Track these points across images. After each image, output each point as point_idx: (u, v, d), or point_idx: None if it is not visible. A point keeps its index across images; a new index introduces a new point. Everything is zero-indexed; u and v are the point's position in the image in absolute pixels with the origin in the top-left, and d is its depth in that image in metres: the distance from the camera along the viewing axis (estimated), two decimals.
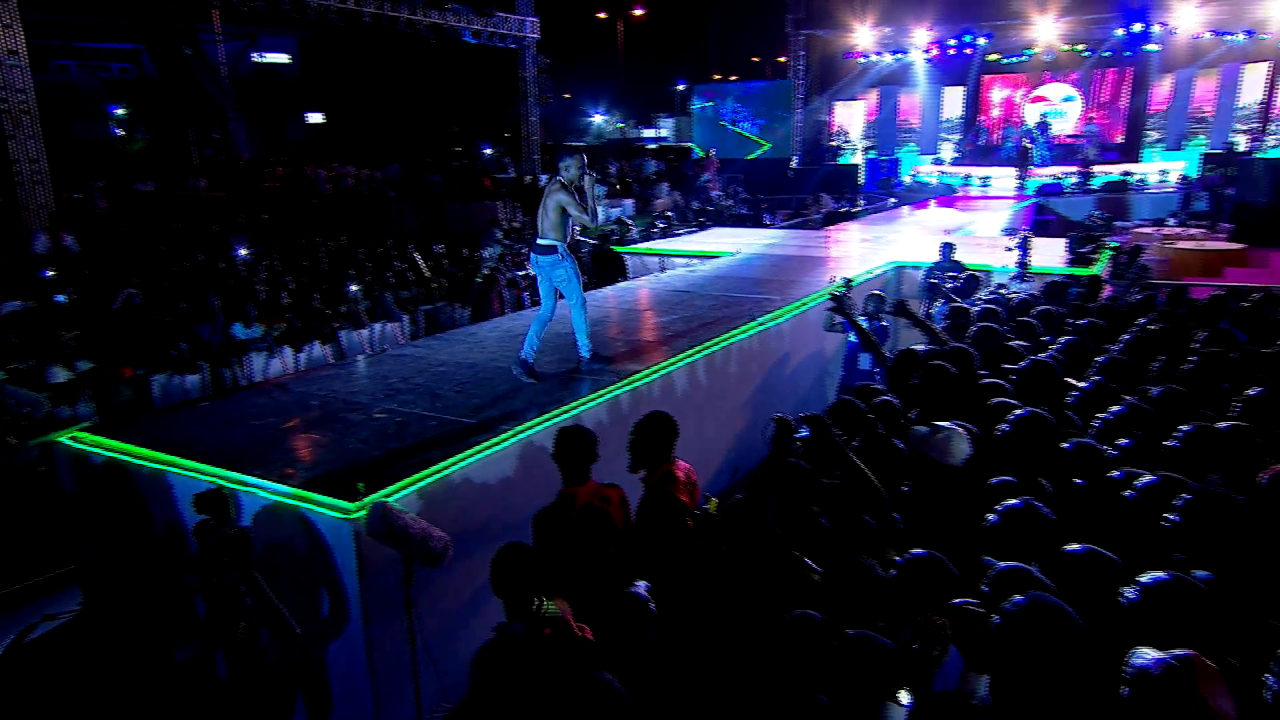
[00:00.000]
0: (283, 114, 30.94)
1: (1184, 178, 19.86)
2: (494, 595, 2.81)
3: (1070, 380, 4.44)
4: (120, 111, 25.77)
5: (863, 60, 25.02)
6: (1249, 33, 19.54)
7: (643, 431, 3.81)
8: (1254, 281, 10.27)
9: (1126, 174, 20.50)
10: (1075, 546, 2.65)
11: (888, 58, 24.70)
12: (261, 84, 29.41)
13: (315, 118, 32.81)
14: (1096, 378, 4.35)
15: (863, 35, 24.13)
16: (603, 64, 42.93)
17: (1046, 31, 21.55)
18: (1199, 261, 13.49)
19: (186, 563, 4.19)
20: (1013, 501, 2.88)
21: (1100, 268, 9.75)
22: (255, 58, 30.24)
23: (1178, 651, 1.98)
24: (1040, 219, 18.44)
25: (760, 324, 7.15)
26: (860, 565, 2.63)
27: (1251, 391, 3.64)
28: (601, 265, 12.04)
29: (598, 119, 47.03)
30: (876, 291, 7.23)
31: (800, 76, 25.94)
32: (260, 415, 5.08)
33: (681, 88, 41.29)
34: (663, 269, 11.60)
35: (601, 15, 37.66)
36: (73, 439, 4.69)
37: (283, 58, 32.38)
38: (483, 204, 17.29)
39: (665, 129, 44.52)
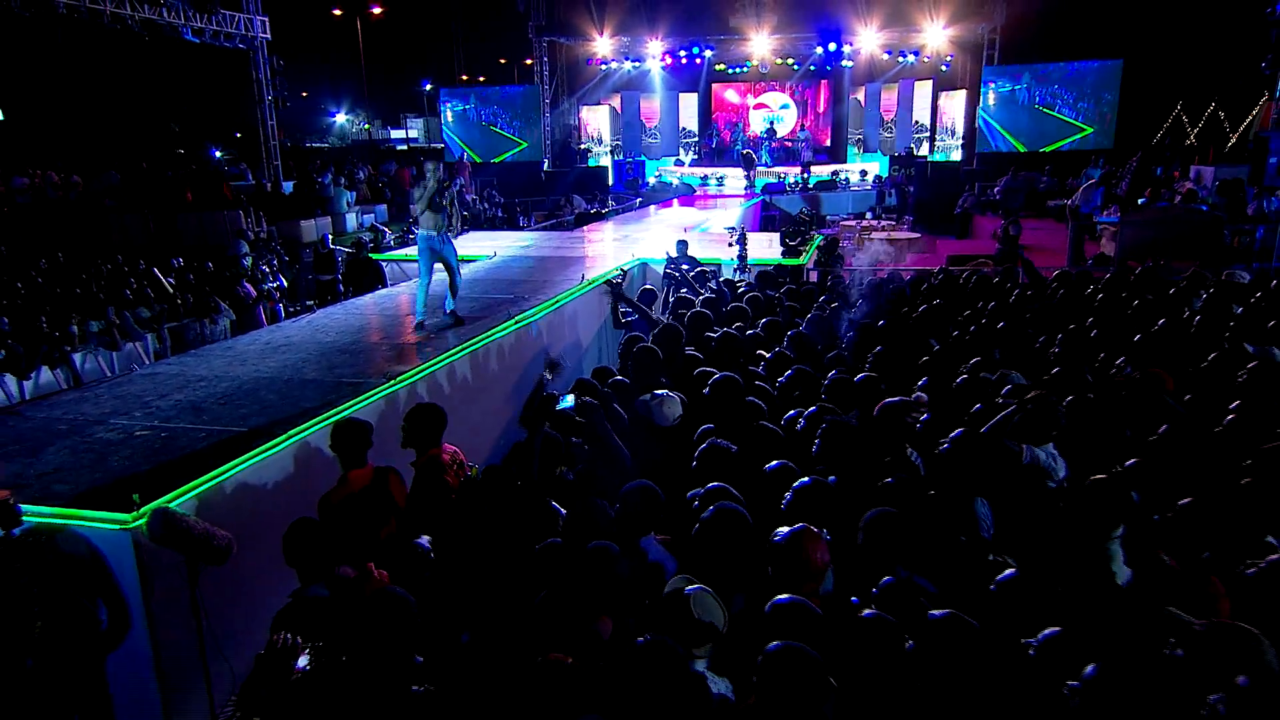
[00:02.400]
0: None
1: (878, 177, 23.34)
2: (287, 564, 3.24)
3: (761, 351, 5.59)
4: None
5: (604, 67, 26.49)
6: (915, 53, 23.39)
7: (412, 421, 4.35)
8: (928, 265, 12.62)
9: (835, 173, 23.65)
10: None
11: (627, 65, 26.37)
12: None
13: None
14: (779, 348, 5.53)
15: (602, 44, 25.58)
16: (343, 62, 41.32)
17: (761, 46, 24.32)
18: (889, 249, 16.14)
19: None
20: (704, 445, 3.82)
21: (807, 258, 11.54)
22: None
23: (796, 526, 2.93)
24: (767, 214, 20.72)
25: (518, 321, 7.82)
26: (594, 504, 3.39)
27: (876, 349, 4.92)
28: (358, 273, 12.08)
29: (341, 119, 45.17)
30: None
31: (546, 81, 26.90)
32: None
33: (428, 88, 40.81)
34: None
35: (337, 13, 36.26)
36: None
37: None
38: (221, 214, 16.32)
39: (415, 130, 43.77)
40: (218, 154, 29.94)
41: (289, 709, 2.22)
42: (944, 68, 24.05)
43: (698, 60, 25.39)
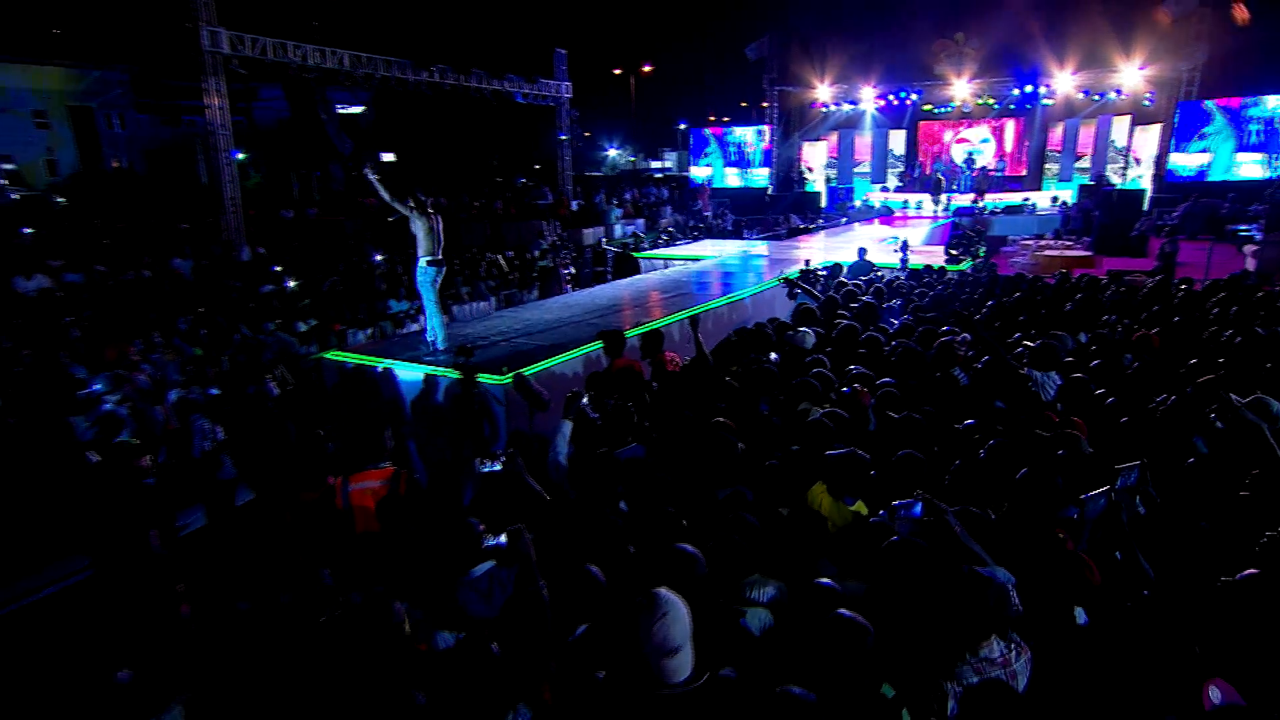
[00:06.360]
0: (361, 154, 33.45)
1: (1064, 203, 22.23)
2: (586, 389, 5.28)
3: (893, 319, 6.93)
4: (240, 156, 28.45)
5: (824, 109, 27.37)
6: (1117, 91, 21.88)
7: (644, 340, 6.31)
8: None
9: (1025, 199, 22.86)
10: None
11: (845, 107, 27.04)
12: (345, 130, 31.85)
13: (388, 157, 35.37)
14: (906, 316, 6.85)
15: (823, 91, 26.52)
16: (616, 108, 45.38)
17: (962, 90, 24.00)
18: (1058, 264, 15.87)
19: (398, 419, 6.69)
20: (818, 355, 5.38)
21: (967, 265, 12.22)
22: (339, 109, 32.86)
23: (853, 384, 4.45)
24: (955, 233, 20.76)
25: (730, 298, 9.61)
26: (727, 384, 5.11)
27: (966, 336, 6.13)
28: (623, 265, 14.53)
29: (613, 153, 49.45)
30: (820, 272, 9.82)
31: (775, 122, 28.31)
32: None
33: (682, 127, 43.57)
34: (667, 267, 14.04)
35: (617, 71, 40.15)
36: (333, 356, 7.21)
37: (359, 109, 35.09)
38: (530, 223, 19.78)
39: (669, 161, 46.93)
40: (522, 181, 34.41)
41: (579, 422, 4.17)
42: (1146, 103, 22.21)
43: (907, 102, 25.52)
